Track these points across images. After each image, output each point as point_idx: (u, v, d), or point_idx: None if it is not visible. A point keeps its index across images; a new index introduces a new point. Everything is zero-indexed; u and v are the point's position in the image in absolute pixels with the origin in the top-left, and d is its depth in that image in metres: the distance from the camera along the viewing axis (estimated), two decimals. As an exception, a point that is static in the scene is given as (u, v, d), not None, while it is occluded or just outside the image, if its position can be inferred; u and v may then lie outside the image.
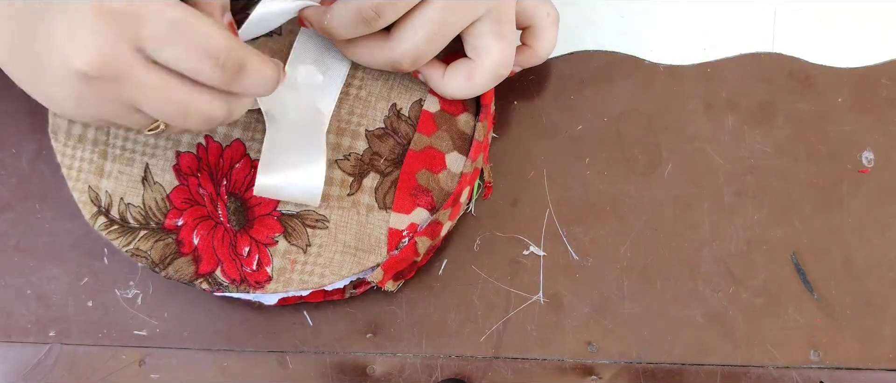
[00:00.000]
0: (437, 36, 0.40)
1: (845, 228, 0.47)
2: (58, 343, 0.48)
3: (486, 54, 0.41)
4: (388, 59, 0.41)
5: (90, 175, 0.43)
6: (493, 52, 0.41)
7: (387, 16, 0.39)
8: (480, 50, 0.41)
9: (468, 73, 0.42)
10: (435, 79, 0.43)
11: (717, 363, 0.46)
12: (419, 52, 0.40)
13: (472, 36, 0.41)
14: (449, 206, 0.43)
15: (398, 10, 0.39)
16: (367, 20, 0.39)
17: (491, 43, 0.41)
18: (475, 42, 0.41)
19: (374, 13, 0.38)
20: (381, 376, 0.47)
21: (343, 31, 0.40)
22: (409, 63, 0.41)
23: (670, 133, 0.49)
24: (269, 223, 0.43)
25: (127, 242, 0.43)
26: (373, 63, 0.42)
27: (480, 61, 0.42)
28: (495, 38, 0.41)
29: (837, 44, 0.49)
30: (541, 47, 0.45)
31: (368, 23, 0.39)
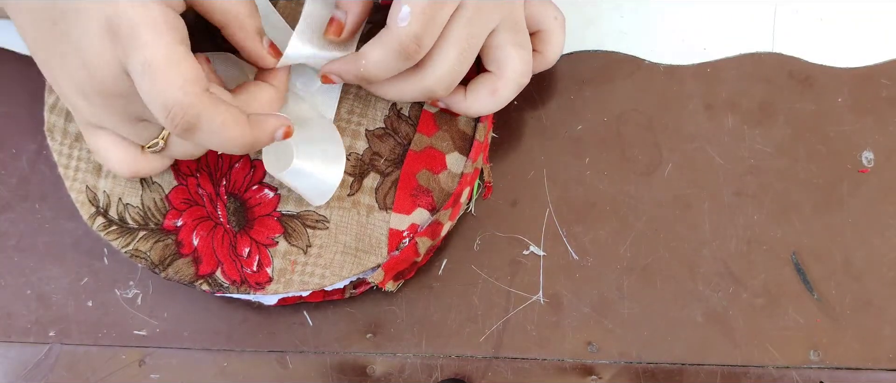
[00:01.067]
0: (466, 52, 0.39)
1: (845, 228, 0.47)
2: (58, 343, 0.48)
3: (507, 65, 0.41)
4: (423, 89, 0.40)
5: (88, 174, 0.43)
6: (514, 62, 0.41)
7: (425, 43, 0.38)
8: (502, 61, 0.41)
9: (492, 88, 0.41)
10: (458, 103, 0.42)
11: (717, 363, 0.46)
12: (454, 74, 0.39)
13: (491, 48, 0.41)
14: (449, 207, 0.43)
15: (435, 33, 0.38)
16: (408, 54, 0.38)
17: (511, 53, 0.41)
18: (496, 54, 0.41)
19: (416, 45, 0.37)
20: (381, 376, 0.47)
21: (383, 72, 0.39)
22: (446, 88, 0.40)
23: (670, 133, 0.49)
24: (269, 224, 0.43)
25: (126, 243, 0.43)
26: (406, 97, 0.41)
27: (503, 73, 0.41)
28: (515, 48, 0.40)
29: (837, 44, 0.49)
30: (550, 51, 0.44)
31: (411, 56, 0.38)
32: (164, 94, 0.34)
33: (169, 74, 0.34)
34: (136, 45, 0.34)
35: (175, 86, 0.34)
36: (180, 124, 0.34)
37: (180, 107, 0.34)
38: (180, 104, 0.34)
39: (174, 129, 0.35)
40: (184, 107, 0.34)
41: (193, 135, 0.35)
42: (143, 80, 0.34)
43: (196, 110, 0.34)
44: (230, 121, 0.35)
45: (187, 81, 0.34)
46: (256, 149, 0.37)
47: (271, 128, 0.37)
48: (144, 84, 0.34)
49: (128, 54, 0.34)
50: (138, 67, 0.34)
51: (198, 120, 0.35)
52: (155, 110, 0.34)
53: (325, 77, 0.41)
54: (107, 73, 0.35)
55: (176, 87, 0.34)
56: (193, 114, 0.34)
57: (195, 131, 0.35)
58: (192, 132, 0.35)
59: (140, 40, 0.34)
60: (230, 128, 0.35)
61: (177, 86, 0.34)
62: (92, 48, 0.34)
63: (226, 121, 0.35)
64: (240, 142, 0.36)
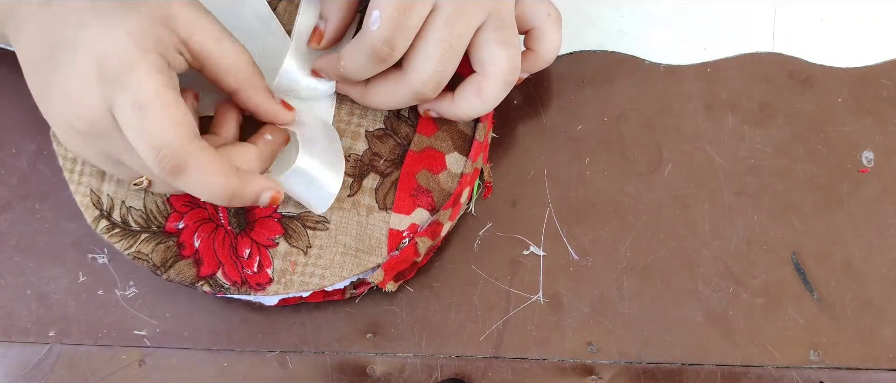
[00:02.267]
0: (449, 53, 0.39)
1: (845, 228, 0.47)
2: (58, 343, 0.48)
3: (491, 64, 0.40)
4: (410, 92, 0.40)
5: (92, 178, 0.44)
6: (499, 61, 0.40)
7: (399, 45, 0.38)
8: (486, 61, 0.40)
9: (477, 88, 0.41)
10: (446, 107, 0.42)
11: (717, 363, 0.46)
12: (439, 75, 0.39)
13: (475, 47, 0.40)
14: (449, 207, 0.43)
15: (408, 36, 0.38)
16: (381, 57, 0.38)
17: (496, 51, 0.40)
18: (480, 54, 0.40)
19: (388, 48, 0.38)
20: (381, 376, 0.47)
21: (358, 71, 0.40)
22: (433, 89, 0.40)
23: (670, 133, 0.49)
24: (269, 225, 0.43)
25: (128, 245, 0.43)
26: (397, 103, 0.41)
27: (488, 71, 0.40)
28: (499, 46, 0.40)
29: (837, 44, 0.49)
30: (545, 50, 0.43)
31: (384, 59, 0.38)
32: (154, 135, 0.34)
33: (160, 116, 0.34)
34: (127, 83, 0.33)
35: (166, 127, 0.34)
36: (169, 167, 0.34)
37: (170, 150, 0.34)
38: (170, 147, 0.34)
39: (162, 172, 0.34)
40: (173, 149, 0.34)
41: (180, 178, 0.35)
42: (133, 119, 0.34)
43: (185, 154, 0.34)
44: (217, 169, 0.35)
45: (178, 124, 0.34)
46: (238, 203, 0.37)
47: (258, 188, 0.37)
48: (134, 124, 0.34)
49: (116, 93, 0.34)
50: (128, 107, 0.33)
51: (186, 164, 0.34)
52: (143, 151, 0.34)
53: (313, 70, 0.42)
54: (90, 111, 0.34)
55: (167, 129, 0.34)
56: (182, 157, 0.34)
57: (182, 175, 0.35)
58: (179, 176, 0.35)
59: (131, 79, 0.33)
60: (217, 176, 0.35)
61: (167, 128, 0.34)
62: (79, 83, 0.34)
63: (214, 168, 0.35)
64: (223, 192, 0.36)
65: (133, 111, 0.33)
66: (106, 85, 0.34)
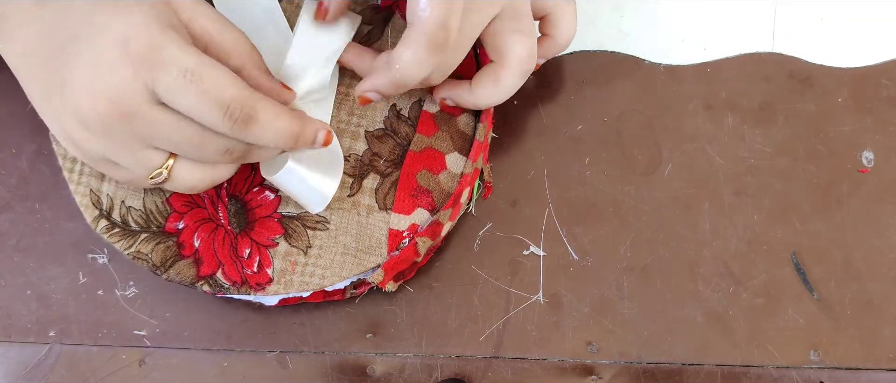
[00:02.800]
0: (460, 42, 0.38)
1: (845, 228, 0.47)
2: (58, 343, 0.48)
3: (509, 53, 0.40)
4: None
5: (91, 178, 0.43)
6: (516, 49, 0.40)
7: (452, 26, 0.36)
8: (503, 49, 0.40)
9: (494, 77, 0.41)
10: (463, 96, 0.42)
11: (717, 363, 0.46)
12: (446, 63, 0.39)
13: (492, 36, 0.40)
14: (449, 207, 0.43)
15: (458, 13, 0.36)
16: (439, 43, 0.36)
17: (512, 40, 0.40)
18: (496, 43, 0.40)
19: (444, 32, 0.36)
20: (381, 376, 0.47)
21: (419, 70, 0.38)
22: (440, 75, 0.40)
23: (670, 133, 0.49)
24: (269, 225, 0.43)
25: (128, 245, 0.43)
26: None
27: (505, 60, 0.40)
28: (516, 35, 0.40)
29: (837, 44, 0.49)
30: (561, 35, 0.43)
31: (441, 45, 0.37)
32: (218, 91, 0.34)
33: (217, 73, 0.34)
34: (162, 61, 0.33)
35: (227, 82, 0.34)
36: (240, 117, 0.35)
37: (238, 101, 0.34)
38: (237, 98, 0.34)
39: (233, 125, 0.35)
40: (241, 100, 0.35)
41: (251, 127, 0.35)
42: (189, 87, 0.34)
43: (252, 102, 0.35)
44: (282, 111, 0.36)
45: (235, 78, 0.35)
46: (299, 147, 0.38)
47: (315, 128, 0.38)
48: (191, 91, 0.34)
49: (158, 72, 0.34)
50: (179, 78, 0.34)
51: (256, 111, 0.35)
52: (208, 113, 0.34)
53: (362, 99, 0.40)
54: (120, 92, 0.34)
55: (228, 83, 0.34)
56: (251, 105, 0.35)
57: (253, 123, 0.35)
58: (251, 124, 0.35)
59: (165, 56, 0.34)
60: (283, 119, 0.36)
61: (229, 82, 0.34)
62: (105, 70, 0.34)
63: (280, 112, 0.36)
64: (288, 133, 0.37)
65: (186, 79, 0.34)
66: (138, 65, 0.34)
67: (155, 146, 0.37)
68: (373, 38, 0.44)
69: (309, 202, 0.42)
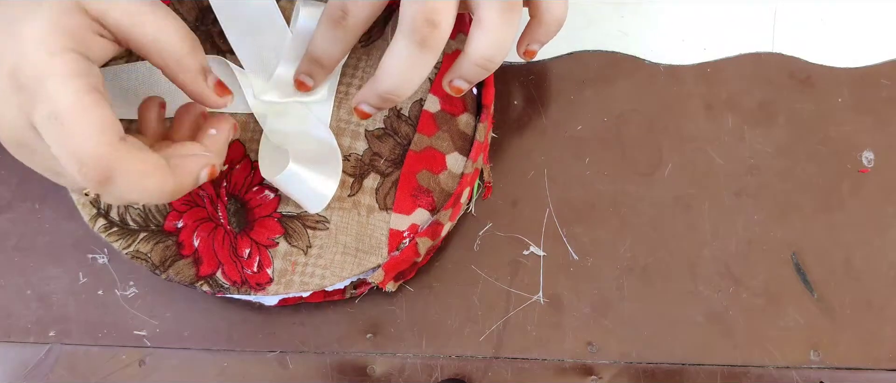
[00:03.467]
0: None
1: (845, 228, 0.47)
2: (58, 343, 0.48)
3: None
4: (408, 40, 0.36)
5: None
6: None
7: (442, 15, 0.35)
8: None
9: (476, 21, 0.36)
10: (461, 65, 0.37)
11: (717, 363, 0.46)
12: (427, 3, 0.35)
13: None
14: (450, 207, 0.43)
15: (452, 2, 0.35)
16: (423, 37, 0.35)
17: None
18: None
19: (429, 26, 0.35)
20: (381, 376, 0.47)
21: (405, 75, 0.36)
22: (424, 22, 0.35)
23: (670, 133, 0.49)
24: (269, 224, 0.43)
25: (127, 244, 0.43)
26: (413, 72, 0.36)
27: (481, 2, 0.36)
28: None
29: (837, 44, 0.49)
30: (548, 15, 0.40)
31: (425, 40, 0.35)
32: (73, 146, 0.31)
33: (78, 125, 0.31)
34: (41, 96, 0.31)
35: (85, 136, 0.31)
36: (94, 178, 0.32)
37: (92, 160, 0.31)
38: (92, 156, 0.31)
39: (89, 184, 0.32)
40: (96, 159, 0.31)
41: (109, 188, 0.32)
42: (51, 132, 0.31)
43: (109, 161, 0.32)
44: (148, 170, 0.33)
45: (99, 131, 0.32)
46: (180, 195, 0.35)
47: (195, 170, 0.35)
48: (52, 137, 0.32)
49: (33, 106, 0.31)
50: (44, 120, 0.31)
51: (112, 172, 0.32)
52: (66, 165, 0.32)
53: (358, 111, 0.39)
54: (13, 125, 0.32)
55: (86, 138, 0.31)
56: (107, 165, 0.32)
57: (110, 184, 0.32)
58: (108, 185, 0.32)
59: (45, 91, 0.31)
60: (148, 178, 0.33)
61: (87, 136, 0.31)
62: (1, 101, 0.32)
63: (143, 170, 0.33)
64: (160, 192, 0.34)
65: (50, 124, 0.31)
66: (23, 98, 0.32)
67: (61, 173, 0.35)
68: (373, 38, 0.44)
69: (309, 202, 0.42)
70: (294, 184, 0.41)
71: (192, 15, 0.45)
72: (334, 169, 0.42)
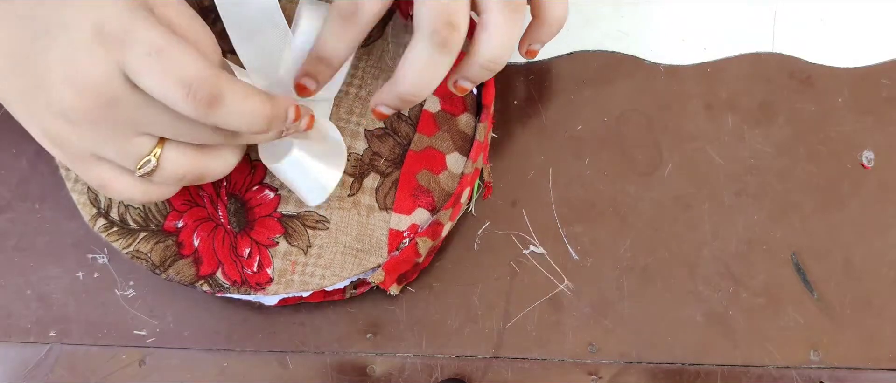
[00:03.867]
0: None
1: (845, 228, 0.47)
2: (58, 343, 0.48)
3: None
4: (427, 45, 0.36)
5: None
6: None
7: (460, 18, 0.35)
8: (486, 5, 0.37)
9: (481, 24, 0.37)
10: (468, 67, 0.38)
11: (717, 363, 0.46)
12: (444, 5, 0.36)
13: None
14: (450, 207, 0.43)
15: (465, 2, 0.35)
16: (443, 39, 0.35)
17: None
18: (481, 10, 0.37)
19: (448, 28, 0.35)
20: (381, 376, 0.47)
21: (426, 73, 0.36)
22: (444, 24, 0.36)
23: (670, 133, 0.49)
24: (269, 224, 0.43)
25: (127, 244, 0.43)
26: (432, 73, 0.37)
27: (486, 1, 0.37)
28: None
29: (837, 44, 0.49)
30: (550, 15, 0.40)
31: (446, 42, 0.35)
32: (181, 69, 0.32)
33: (181, 50, 0.33)
34: (134, 39, 0.32)
35: (191, 59, 0.33)
36: (204, 98, 0.33)
37: (201, 81, 0.32)
38: (200, 77, 0.32)
39: (197, 107, 0.33)
40: (204, 79, 0.33)
41: (217, 109, 0.33)
42: (153, 66, 0.32)
43: (217, 81, 0.33)
44: (252, 92, 0.34)
45: (202, 57, 0.33)
46: (275, 127, 0.36)
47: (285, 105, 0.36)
48: (155, 69, 0.32)
49: (126, 51, 0.32)
50: (143, 56, 0.32)
51: (221, 91, 0.33)
52: (171, 93, 0.33)
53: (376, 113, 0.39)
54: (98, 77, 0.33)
55: (193, 61, 0.33)
56: (216, 84, 0.33)
57: (219, 105, 0.33)
58: (216, 106, 0.33)
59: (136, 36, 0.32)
60: (253, 99, 0.34)
61: (193, 59, 0.33)
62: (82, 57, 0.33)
63: (249, 92, 0.34)
64: (261, 115, 0.34)
65: (150, 58, 0.32)
66: (112, 48, 0.32)
67: (143, 131, 0.35)
68: (372, 38, 0.44)
69: (309, 193, 0.42)
70: (296, 173, 0.41)
71: None
72: (338, 160, 0.42)
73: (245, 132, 0.36)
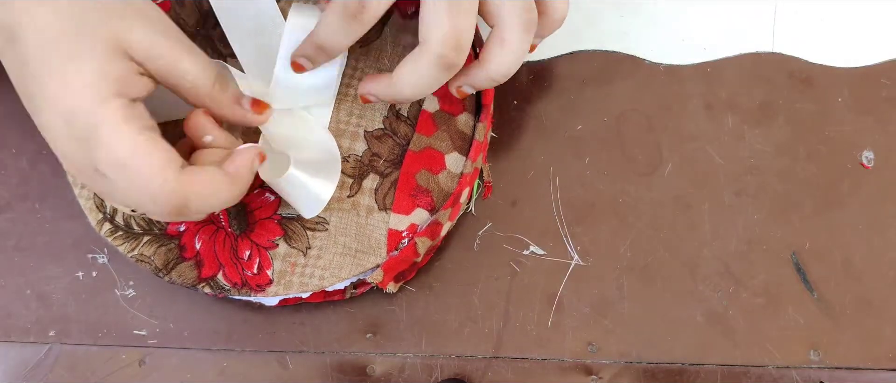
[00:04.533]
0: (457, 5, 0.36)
1: (845, 228, 0.47)
2: (58, 343, 0.48)
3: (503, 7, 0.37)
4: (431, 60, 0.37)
5: None
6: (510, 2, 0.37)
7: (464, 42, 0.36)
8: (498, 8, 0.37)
9: (499, 39, 0.38)
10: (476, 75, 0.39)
11: (717, 363, 0.46)
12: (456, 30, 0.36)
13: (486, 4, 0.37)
14: (449, 207, 0.43)
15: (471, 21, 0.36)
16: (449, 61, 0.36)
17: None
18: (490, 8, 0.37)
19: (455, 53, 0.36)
20: (381, 376, 0.47)
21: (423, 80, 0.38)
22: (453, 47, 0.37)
23: (670, 133, 0.49)
24: (269, 226, 0.43)
25: (131, 248, 0.43)
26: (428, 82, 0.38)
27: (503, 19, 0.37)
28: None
29: (837, 44, 0.49)
30: (553, 10, 0.40)
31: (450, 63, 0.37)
32: (144, 189, 0.34)
33: (142, 168, 0.34)
34: (98, 145, 0.33)
35: (151, 177, 0.34)
36: (170, 211, 0.35)
37: (164, 195, 0.34)
38: (163, 192, 0.34)
39: (164, 215, 0.35)
40: (167, 194, 0.34)
41: (186, 215, 0.35)
42: (118, 178, 0.34)
43: (180, 192, 0.34)
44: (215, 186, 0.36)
45: (162, 168, 0.34)
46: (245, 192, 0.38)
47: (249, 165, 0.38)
48: (120, 183, 0.34)
49: (94, 155, 0.33)
50: (109, 168, 0.33)
51: (185, 200, 0.35)
52: (141, 206, 0.35)
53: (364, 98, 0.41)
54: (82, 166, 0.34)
55: (152, 178, 0.34)
56: (179, 197, 0.34)
57: (187, 211, 0.35)
58: (184, 213, 0.35)
59: (101, 140, 0.33)
60: (218, 193, 0.36)
61: (153, 175, 0.34)
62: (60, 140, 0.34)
63: (211, 188, 0.36)
64: (231, 199, 0.37)
65: (115, 172, 0.34)
66: (81, 144, 0.33)
67: None
68: (371, 38, 0.44)
69: (305, 206, 0.42)
70: (293, 189, 0.41)
71: (192, 19, 0.45)
72: (332, 173, 0.42)
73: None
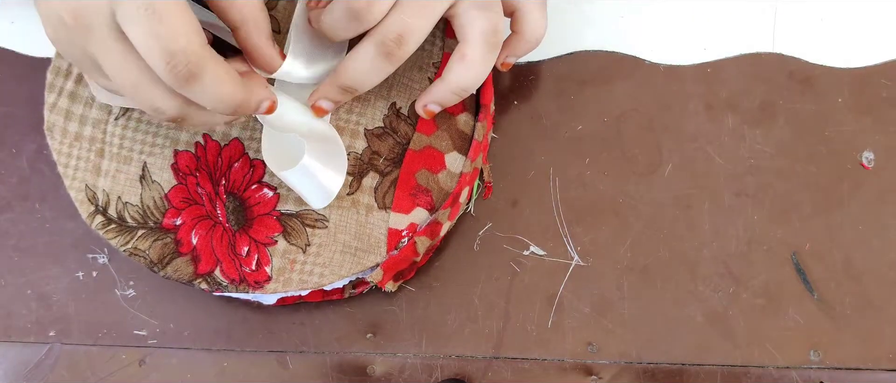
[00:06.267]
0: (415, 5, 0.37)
1: (845, 228, 0.47)
2: (58, 343, 0.48)
3: (469, 26, 0.39)
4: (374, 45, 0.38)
5: (87, 173, 0.43)
6: (476, 22, 0.39)
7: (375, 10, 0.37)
8: (464, 25, 0.39)
9: (460, 54, 0.39)
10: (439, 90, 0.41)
11: (717, 363, 0.46)
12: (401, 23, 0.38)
13: (454, 18, 0.39)
14: (448, 206, 0.43)
15: None
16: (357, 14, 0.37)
17: (472, 15, 0.39)
18: (457, 22, 0.39)
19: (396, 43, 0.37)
20: (381, 376, 0.47)
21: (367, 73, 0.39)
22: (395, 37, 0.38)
23: (670, 133, 0.49)
24: (268, 223, 0.43)
25: (125, 241, 0.43)
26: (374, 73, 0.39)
27: (466, 35, 0.39)
28: (476, 10, 0.38)
29: (837, 44, 0.49)
30: (528, 31, 0.42)
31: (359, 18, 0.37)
32: (168, 39, 0.32)
33: (174, 19, 0.32)
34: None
35: (180, 31, 0.33)
36: (182, 73, 0.33)
37: (185, 55, 0.33)
38: (185, 52, 0.33)
39: (174, 77, 0.33)
40: (188, 55, 0.33)
41: (192, 85, 0.34)
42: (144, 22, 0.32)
43: (200, 58, 0.33)
44: (228, 77, 0.35)
45: (192, 29, 0.33)
46: (241, 114, 0.37)
47: (259, 97, 0.37)
48: (145, 27, 0.32)
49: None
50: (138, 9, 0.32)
51: (201, 70, 0.33)
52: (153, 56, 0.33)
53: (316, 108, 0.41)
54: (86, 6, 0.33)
55: (181, 33, 0.33)
56: (197, 63, 0.33)
57: (195, 82, 0.34)
58: (192, 82, 0.34)
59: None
60: (226, 84, 0.35)
61: (182, 31, 0.33)
62: None
63: (226, 77, 0.34)
64: (230, 100, 0.35)
65: (144, 14, 0.32)
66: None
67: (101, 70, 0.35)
68: None
69: (315, 198, 0.42)
70: (304, 180, 0.41)
71: None
72: (340, 164, 0.42)
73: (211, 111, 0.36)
